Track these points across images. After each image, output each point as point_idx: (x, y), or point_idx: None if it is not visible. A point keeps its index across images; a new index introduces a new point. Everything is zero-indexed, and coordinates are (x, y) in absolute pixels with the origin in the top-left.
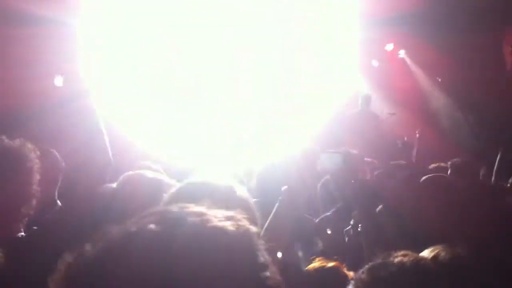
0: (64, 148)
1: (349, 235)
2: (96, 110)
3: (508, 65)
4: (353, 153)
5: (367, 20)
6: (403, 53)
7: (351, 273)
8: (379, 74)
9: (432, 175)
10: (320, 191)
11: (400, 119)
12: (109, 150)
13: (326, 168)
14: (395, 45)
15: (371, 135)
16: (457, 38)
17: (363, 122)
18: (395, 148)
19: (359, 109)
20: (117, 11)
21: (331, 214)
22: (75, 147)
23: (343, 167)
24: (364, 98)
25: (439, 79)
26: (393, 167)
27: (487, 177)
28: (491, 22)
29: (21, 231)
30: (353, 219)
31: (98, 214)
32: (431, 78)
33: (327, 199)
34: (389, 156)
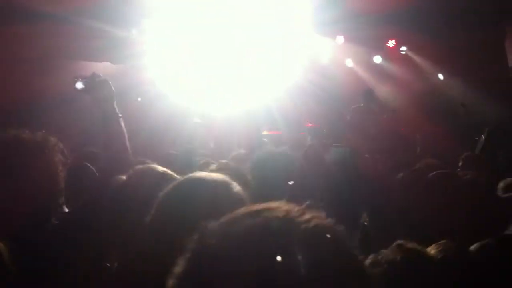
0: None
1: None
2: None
3: (509, 62)
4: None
5: (368, 16)
6: (405, 49)
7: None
8: (382, 70)
9: (440, 172)
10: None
11: (401, 115)
12: (126, 138)
13: (333, 162)
14: (396, 41)
15: (373, 131)
16: (459, 34)
17: (365, 117)
18: (397, 144)
19: (361, 104)
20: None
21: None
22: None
23: (351, 162)
24: (366, 93)
25: (441, 75)
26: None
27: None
28: (494, 19)
29: (46, 222)
30: (361, 217)
31: (109, 204)
32: (433, 73)
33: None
34: (390, 152)
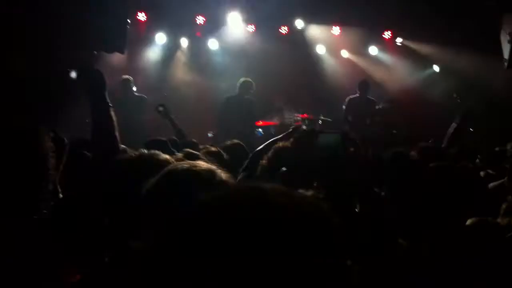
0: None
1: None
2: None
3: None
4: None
5: (365, 7)
6: (400, 41)
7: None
8: (377, 61)
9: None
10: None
11: (397, 108)
12: (116, 128)
13: (323, 148)
14: (392, 32)
15: (369, 120)
16: (455, 25)
17: (361, 107)
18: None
19: (357, 94)
20: None
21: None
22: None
23: (342, 147)
24: (362, 84)
25: (437, 66)
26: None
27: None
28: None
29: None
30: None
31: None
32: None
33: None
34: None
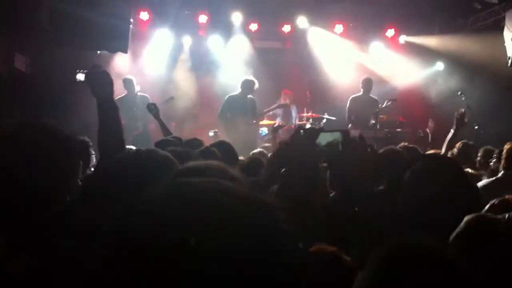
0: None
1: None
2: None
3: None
4: (353, 133)
5: (368, 5)
6: (404, 39)
7: (350, 260)
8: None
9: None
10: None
11: (401, 104)
12: (122, 131)
13: (324, 146)
14: (396, 30)
15: (373, 120)
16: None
17: (365, 106)
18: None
19: (360, 93)
20: None
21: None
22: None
23: (343, 147)
24: (365, 82)
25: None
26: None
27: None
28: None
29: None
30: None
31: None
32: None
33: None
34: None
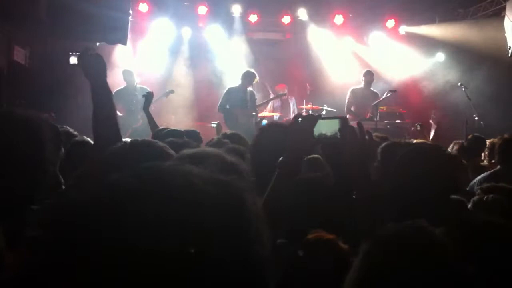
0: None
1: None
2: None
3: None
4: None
5: None
6: (404, 29)
7: (347, 247)
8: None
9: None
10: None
11: (400, 96)
12: (116, 114)
13: (322, 133)
14: (396, 21)
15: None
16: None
17: (364, 98)
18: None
19: (361, 85)
20: None
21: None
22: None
23: (341, 133)
24: (366, 74)
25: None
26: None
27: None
28: None
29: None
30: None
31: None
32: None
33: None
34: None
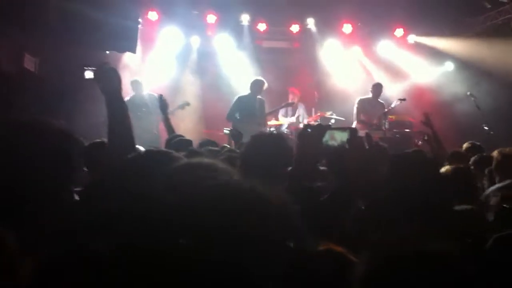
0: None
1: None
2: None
3: None
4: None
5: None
6: (413, 39)
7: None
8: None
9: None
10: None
11: (409, 105)
12: (131, 128)
13: (330, 144)
14: (405, 29)
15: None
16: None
17: (372, 109)
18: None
19: (368, 96)
20: None
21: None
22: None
23: (349, 144)
24: (375, 86)
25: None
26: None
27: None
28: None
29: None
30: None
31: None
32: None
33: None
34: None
